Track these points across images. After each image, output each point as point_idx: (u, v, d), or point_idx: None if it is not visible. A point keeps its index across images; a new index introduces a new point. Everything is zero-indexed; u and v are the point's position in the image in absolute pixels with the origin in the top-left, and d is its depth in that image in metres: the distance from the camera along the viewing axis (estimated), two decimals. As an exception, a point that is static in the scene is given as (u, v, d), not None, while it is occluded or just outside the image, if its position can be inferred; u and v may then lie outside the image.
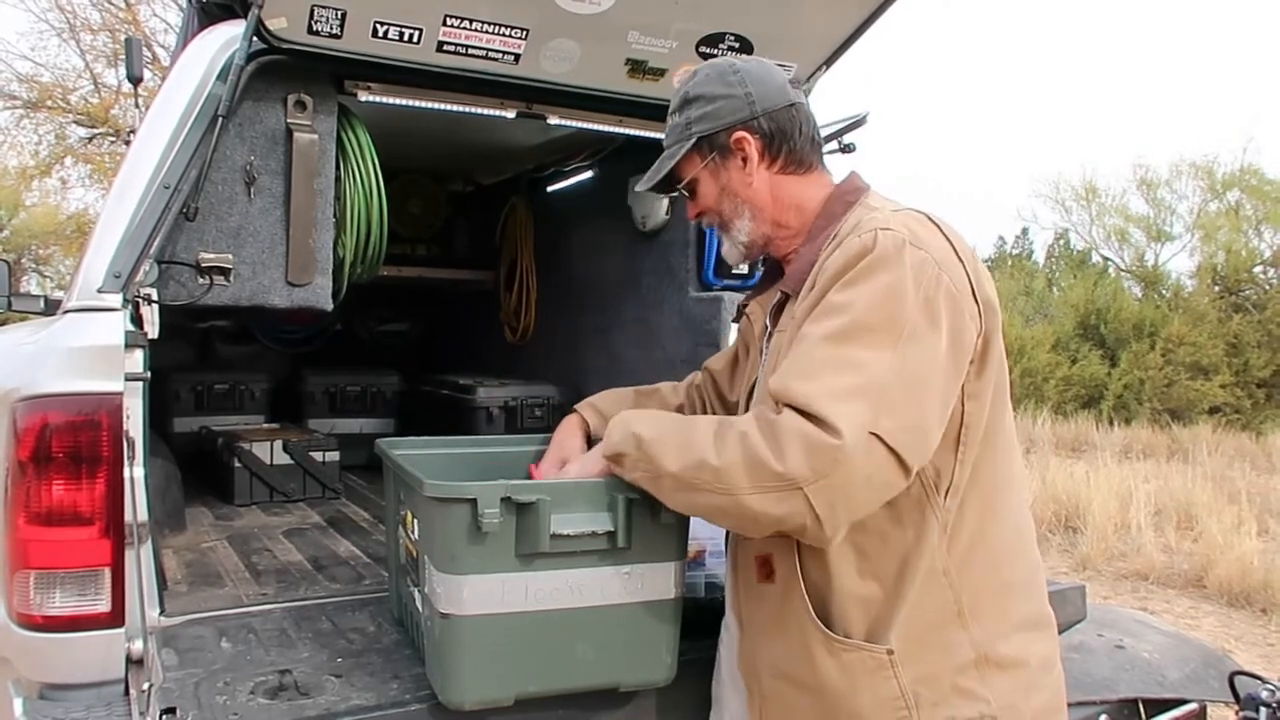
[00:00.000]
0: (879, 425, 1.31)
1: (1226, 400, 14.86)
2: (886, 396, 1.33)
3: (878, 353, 1.34)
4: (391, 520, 1.98)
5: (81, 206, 18.93)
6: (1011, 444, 1.54)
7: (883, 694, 1.42)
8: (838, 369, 1.34)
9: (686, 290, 2.93)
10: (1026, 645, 1.50)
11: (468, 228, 4.62)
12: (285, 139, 2.26)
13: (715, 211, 1.68)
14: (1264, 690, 2.25)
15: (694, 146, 1.63)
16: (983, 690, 1.44)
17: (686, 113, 1.64)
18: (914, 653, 1.43)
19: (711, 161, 1.63)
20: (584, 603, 1.60)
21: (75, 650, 1.79)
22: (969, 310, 1.42)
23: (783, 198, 1.63)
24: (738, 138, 1.60)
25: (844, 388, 1.32)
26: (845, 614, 1.45)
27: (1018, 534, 1.54)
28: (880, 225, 1.43)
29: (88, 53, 16.13)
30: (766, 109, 1.60)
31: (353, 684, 1.69)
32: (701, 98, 1.62)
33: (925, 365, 1.37)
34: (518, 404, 3.66)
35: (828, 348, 1.37)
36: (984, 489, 1.47)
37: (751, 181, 1.62)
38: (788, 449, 1.31)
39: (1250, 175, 18.59)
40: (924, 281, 1.38)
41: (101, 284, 1.88)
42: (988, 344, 1.45)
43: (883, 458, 1.32)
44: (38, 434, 1.74)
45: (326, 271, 2.35)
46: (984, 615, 1.46)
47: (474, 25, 2.23)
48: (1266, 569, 6.32)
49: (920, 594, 1.43)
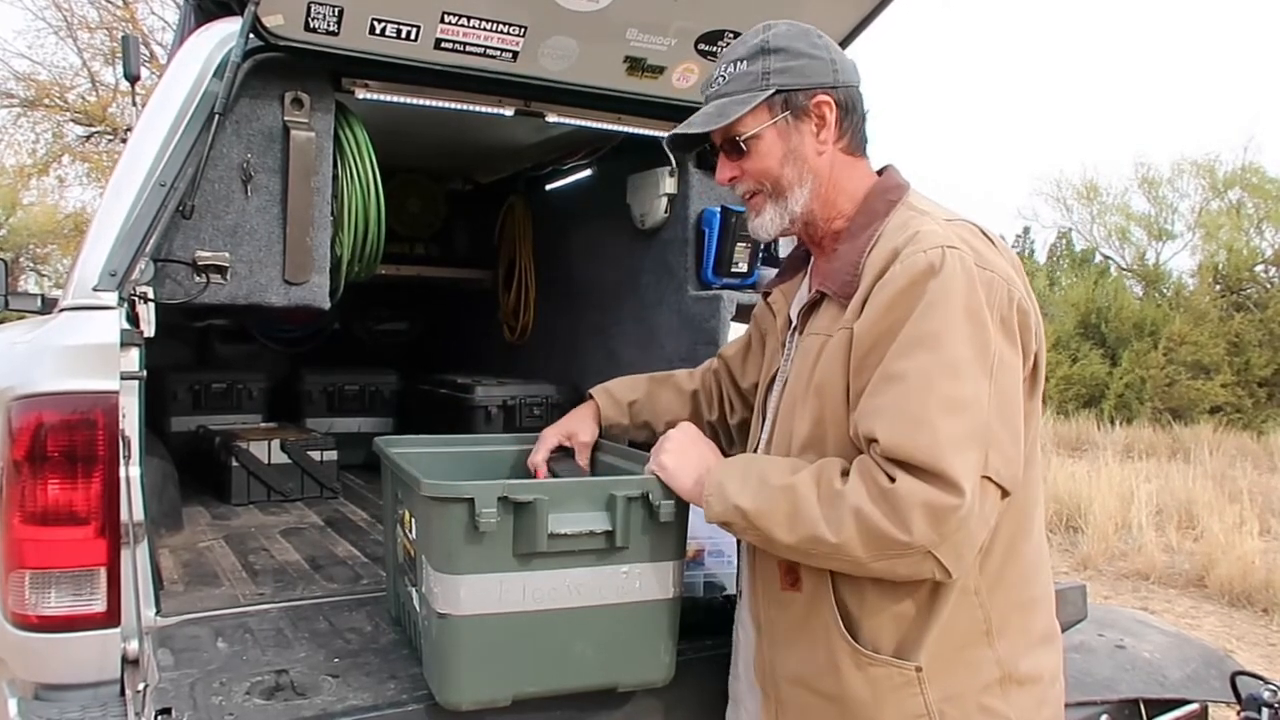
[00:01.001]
0: (989, 466, 1.30)
1: (1228, 399, 14.86)
2: (992, 433, 1.31)
3: (977, 386, 1.31)
4: (389, 520, 1.98)
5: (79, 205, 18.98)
6: (1038, 462, 1.52)
7: (908, 710, 1.41)
8: (948, 413, 1.29)
9: (685, 289, 2.93)
10: (1042, 660, 1.50)
11: (466, 226, 4.61)
12: (282, 137, 2.25)
13: (771, 176, 1.54)
14: (1265, 690, 2.24)
15: (769, 99, 1.50)
16: (1005, 709, 1.43)
17: (764, 61, 1.51)
18: (942, 671, 1.41)
19: (784, 119, 1.51)
20: (582, 602, 1.60)
21: (71, 650, 1.78)
22: (1035, 325, 1.40)
23: (839, 179, 1.54)
24: (820, 100, 1.50)
25: (959, 435, 1.28)
26: (876, 628, 1.43)
27: (1039, 551, 1.53)
28: (944, 242, 1.36)
29: (85, 51, 16.17)
30: (846, 82, 1.53)
31: (350, 684, 1.69)
32: (785, 50, 1.51)
33: (1013, 389, 1.35)
34: (516, 403, 3.65)
35: (931, 387, 1.30)
36: (1018, 509, 1.44)
37: (824, 150, 1.52)
38: (912, 521, 1.27)
39: (1252, 174, 18.60)
40: (997, 302, 1.35)
41: (97, 282, 1.87)
42: (1039, 362, 1.44)
43: (994, 497, 1.32)
44: (33, 433, 1.73)
45: (324, 270, 2.34)
46: (1009, 633, 1.45)
47: (472, 22, 2.22)
48: (1268, 569, 6.31)
49: (952, 613, 1.41)
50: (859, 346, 1.40)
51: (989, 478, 1.30)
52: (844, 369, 1.43)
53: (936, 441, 1.27)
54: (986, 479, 1.30)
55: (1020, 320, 1.37)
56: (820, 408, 1.46)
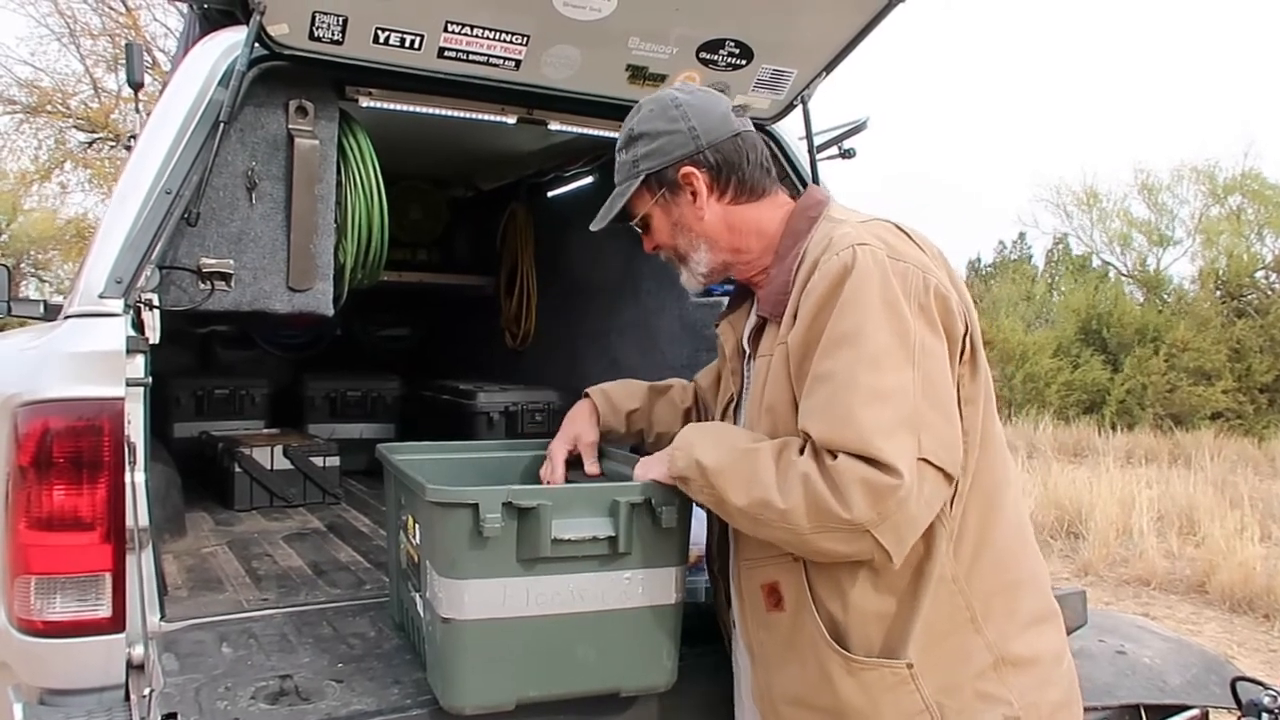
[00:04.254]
0: (924, 449, 1.34)
1: (1229, 405, 14.85)
2: (922, 417, 1.35)
3: (900, 374, 1.35)
4: (392, 525, 1.98)
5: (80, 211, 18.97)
6: (1003, 444, 1.54)
7: (906, 708, 1.42)
8: (873, 402, 1.34)
9: (686, 296, 2.93)
10: (1036, 641, 1.50)
11: (468, 233, 4.62)
12: (286, 145, 2.26)
13: (669, 246, 1.68)
14: (1266, 696, 2.24)
15: (643, 184, 1.63)
16: (1004, 692, 1.44)
17: (633, 150, 1.63)
18: (933, 664, 1.42)
19: (661, 197, 1.63)
20: (585, 607, 1.60)
21: (76, 655, 1.78)
22: (957, 308, 1.43)
23: (738, 225, 1.62)
24: (685, 173, 1.60)
25: (886, 422, 1.33)
26: (862, 632, 1.45)
27: (1018, 533, 1.54)
28: (855, 241, 1.42)
29: (88, 57, 16.20)
30: (711, 141, 1.60)
31: (353, 689, 1.69)
32: (646, 135, 1.62)
33: (940, 373, 1.39)
34: (518, 409, 3.66)
35: (855, 382, 1.35)
36: (984, 492, 1.47)
37: (703, 215, 1.62)
38: (851, 496, 1.31)
39: (1251, 180, 18.59)
40: (913, 289, 1.39)
41: (103, 289, 1.88)
42: (974, 344, 1.47)
43: (934, 479, 1.35)
44: (39, 439, 1.73)
45: (327, 277, 2.35)
46: (995, 617, 1.46)
47: (475, 31, 2.23)
48: (1269, 575, 6.31)
49: (933, 604, 1.43)
50: (794, 357, 1.46)
51: (926, 460, 1.34)
52: (788, 382, 1.48)
53: (864, 431, 1.32)
54: (924, 461, 1.33)
55: (940, 306, 1.41)
56: (774, 425, 1.51)
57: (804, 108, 2.64)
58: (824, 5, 2.36)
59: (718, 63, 2.45)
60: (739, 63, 2.46)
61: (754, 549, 1.55)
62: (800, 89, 2.59)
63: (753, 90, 2.55)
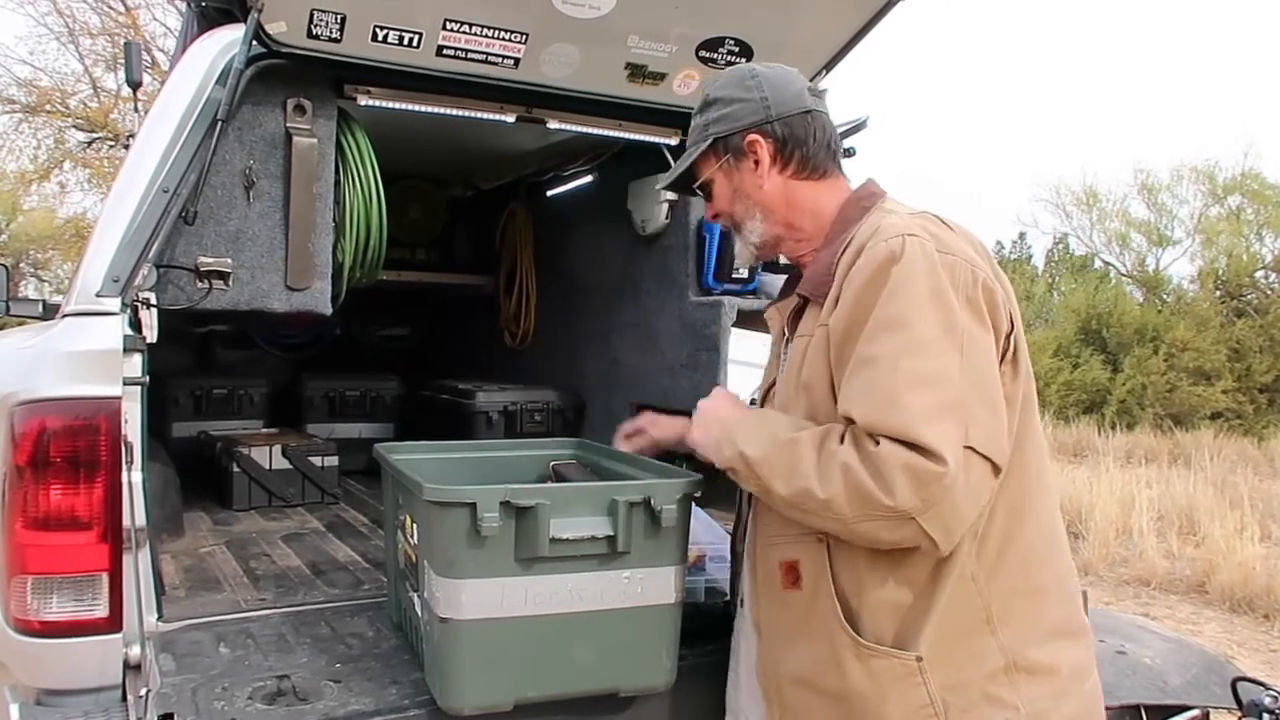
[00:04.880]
0: (970, 438, 1.33)
1: (1229, 405, 14.85)
2: (968, 406, 1.34)
3: (946, 362, 1.35)
4: (390, 525, 1.98)
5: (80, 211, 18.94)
6: (1041, 449, 1.52)
7: (911, 701, 1.41)
8: (918, 387, 1.33)
9: (686, 294, 2.93)
10: (1058, 653, 1.48)
11: (467, 232, 4.62)
12: (284, 143, 2.26)
13: (727, 213, 1.70)
14: (1266, 696, 2.24)
15: (709, 147, 1.65)
16: (1012, 697, 1.43)
17: (706, 114, 1.67)
18: (943, 660, 1.42)
19: (726, 163, 1.65)
20: (583, 607, 1.60)
21: (72, 656, 1.78)
22: (1003, 304, 1.44)
23: (797, 202, 1.63)
24: (750, 140, 1.62)
25: (931, 407, 1.32)
26: (875, 620, 1.44)
27: (1048, 540, 1.52)
28: (904, 231, 1.42)
29: (87, 57, 16.17)
30: (781, 114, 1.62)
31: (351, 689, 1.69)
32: (719, 100, 1.65)
33: (987, 365, 1.39)
34: (517, 409, 3.66)
35: (900, 366, 1.35)
36: (1013, 494, 1.45)
37: (763, 184, 1.63)
38: (895, 483, 1.30)
39: (1251, 180, 18.58)
40: (961, 282, 1.39)
41: (100, 288, 1.87)
42: (1017, 344, 1.46)
43: (981, 469, 1.34)
44: (35, 438, 1.73)
45: (325, 276, 2.34)
46: (1013, 621, 1.45)
47: (474, 29, 2.23)
48: (1269, 575, 6.31)
49: (950, 600, 1.42)
50: (835, 339, 1.45)
51: (972, 448, 1.33)
52: (826, 364, 1.48)
53: (908, 416, 1.31)
54: (970, 449, 1.32)
55: (987, 299, 1.41)
56: (810, 405, 1.51)
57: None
58: (823, 4, 2.35)
59: (717, 61, 2.45)
60: (738, 61, 2.46)
61: (776, 527, 1.55)
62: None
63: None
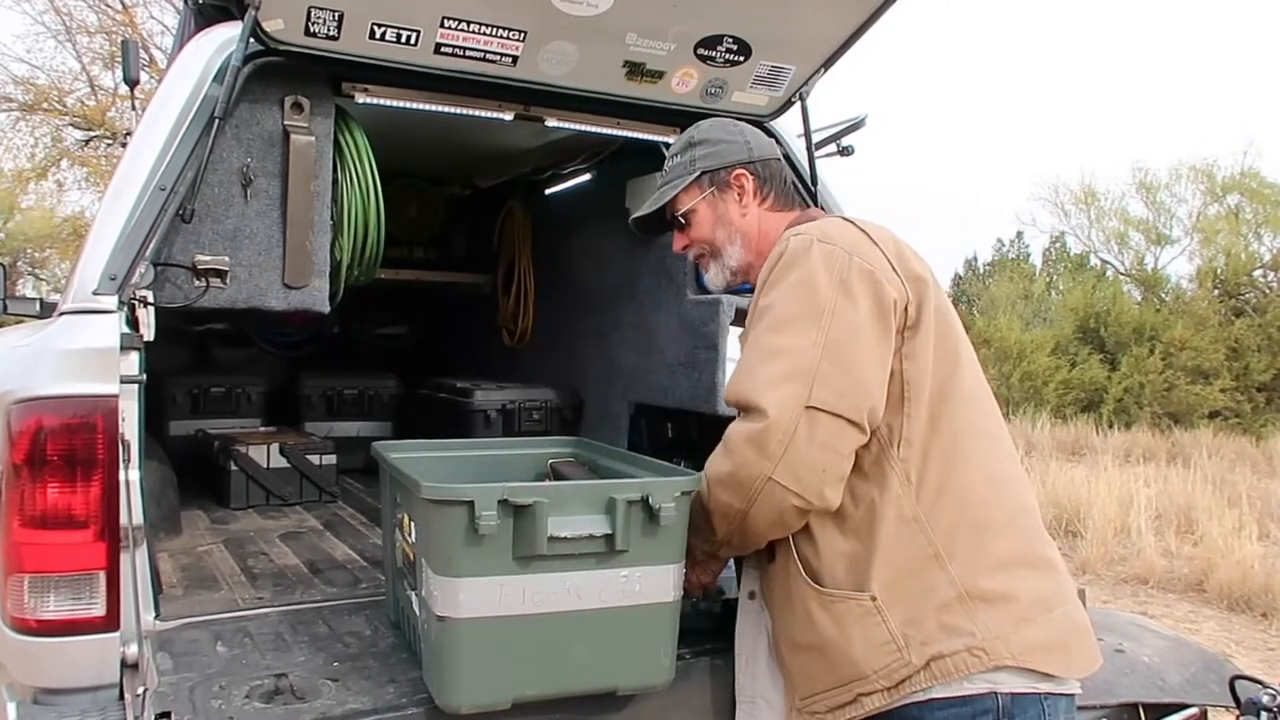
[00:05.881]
0: (814, 397, 1.52)
1: (1227, 404, 14.87)
2: (816, 371, 1.53)
3: (801, 337, 1.55)
4: (388, 523, 1.98)
5: (77, 209, 18.93)
6: (973, 399, 1.66)
7: (874, 639, 1.54)
8: (765, 360, 1.57)
9: (684, 293, 2.93)
10: (1015, 581, 1.56)
11: (465, 231, 4.61)
12: (282, 141, 2.26)
13: (707, 240, 1.88)
14: (1265, 695, 2.24)
15: (696, 180, 1.85)
16: (967, 624, 1.52)
17: (691, 153, 1.87)
18: (897, 597, 1.54)
19: (710, 194, 1.86)
20: (582, 605, 1.60)
21: (70, 654, 1.78)
22: (890, 281, 1.60)
23: (767, 231, 1.84)
24: (738, 174, 1.85)
25: (773, 375, 1.54)
26: (832, 571, 1.59)
27: (992, 480, 1.63)
28: (793, 233, 1.66)
29: (84, 55, 16.16)
30: (761, 156, 1.87)
31: (349, 688, 1.69)
32: (706, 141, 1.88)
33: (849, 333, 1.56)
34: (515, 407, 3.65)
35: (758, 345, 1.60)
36: (945, 440, 1.59)
37: (746, 213, 1.85)
38: (740, 451, 1.55)
39: (1250, 178, 18.62)
40: (835, 267, 1.59)
41: (97, 286, 1.87)
42: (920, 309, 1.61)
43: (827, 423, 1.52)
44: (32, 437, 1.73)
45: (323, 274, 2.34)
46: (960, 554, 1.55)
47: (472, 27, 2.22)
48: (1267, 573, 6.31)
49: (893, 542, 1.55)
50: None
51: (815, 407, 1.51)
52: None
53: (753, 383, 1.56)
54: (812, 408, 1.51)
55: (863, 281, 1.58)
56: None
57: (802, 104, 2.64)
58: (822, 2, 2.35)
59: (715, 59, 2.44)
60: (737, 59, 2.46)
61: None
62: (798, 86, 2.58)
63: (750, 87, 2.54)
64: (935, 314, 1.63)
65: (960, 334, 1.70)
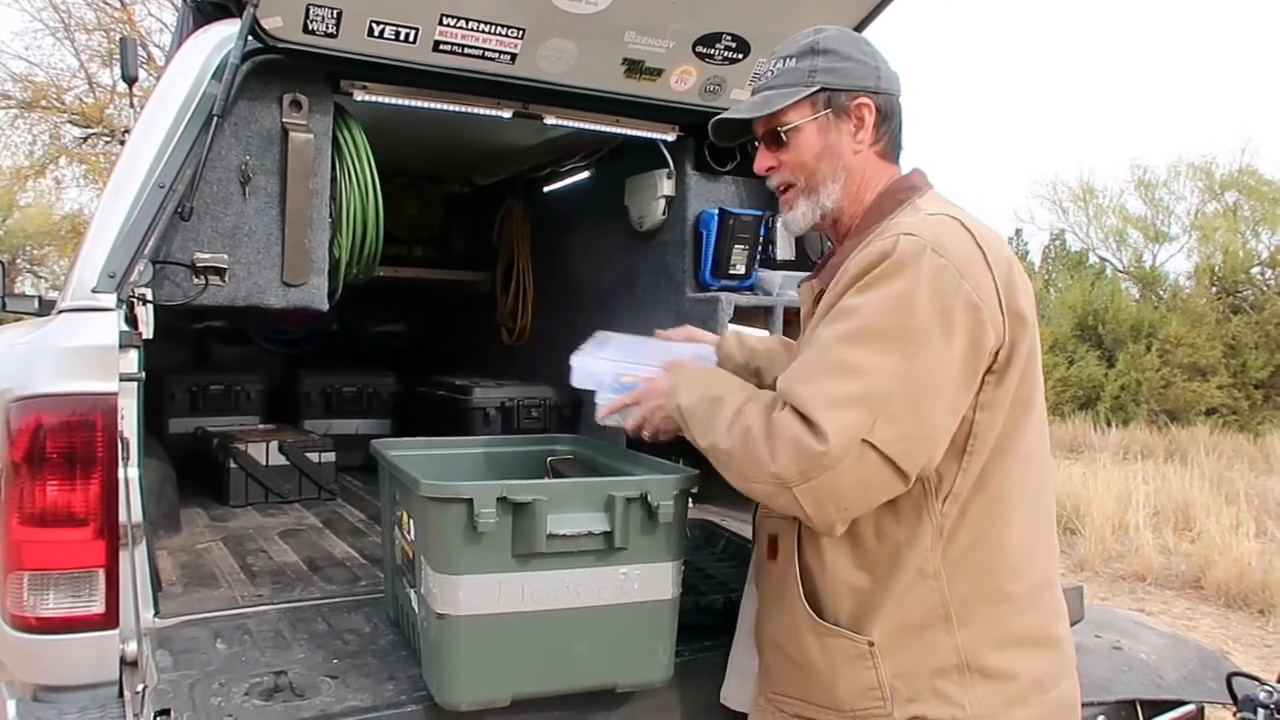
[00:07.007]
0: (875, 433, 1.33)
1: (1224, 401, 14.86)
2: (887, 404, 1.34)
3: (882, 359, 1.35)
4: (387, 521, 1.98)
5: (76, 207, 18.90)
6: (1030, 458, 1.50)
7: (860, 682, 1.45)
8: (838, 374, 1.36)
9: (683, 291, 2.93)
10: (1018, 660, 1.47)
11: (464, 228, 4.61)
12: (281, 139, 2.26)
13: (806, 170, 1.60)
14: (1261, 691, 2.24)
15: (812, 94, 1.56)
16: (959, 696, 1.43)
17: (812, 60, 1.57)
18: (895, 648, 1.44)
19: (825, 116, 1.57)
20: (581, 603, 1.60)
21: (69, 652, 1.78)
22: (992, 320, 1.39)
23: (870, 179, 1.60)
24: (860, 102, 1.57)
25: (841, 394, 1.34)
26: (834, 599, 1.48)
27: (1025, 550, 1.50)
28: (905, 230, 1.41)
29: (82, 52, 16.11)
30: (888, 90, 1.60)
31: (348, 685, 1.69)
32: (833, 52, 1.57)
33: (934, 373, 1.36)
34: (514, 405, 3.65)
35: (832, 352, 1.38)
36: (990, 499, 1.45)
37: (859, 149, 1.58)
38: (779, 449, 1.35)
39: (1248, 176, 18.60)
40: (941, 289, 1.37)
41: (96, 284, 1.87)
42: (1012, 355, 1.43)
43: (875, 465, 1.34)
44: (32, 434, 1.73)
45: (322, 272, 2.34)
46: (974, 624, 1.45)
47: (470, 25, 2.22)
48: (1264, 570, 6.32)
49: (907, 592, 1.44)
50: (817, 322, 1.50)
51: (870, 443, 1.33)
52: None
53: (815, 393, 1.35)
54: (867, 444, 1.33)
55: (966, 313, 1.37)
56: None
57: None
58: None
59: (714, 56, 2.44)
60: (736, 56, 2.46)
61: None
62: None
63: (749, 84, 2.54)
64: (1025, 358, 1.46)
65: (1038, 377, 1.52)
